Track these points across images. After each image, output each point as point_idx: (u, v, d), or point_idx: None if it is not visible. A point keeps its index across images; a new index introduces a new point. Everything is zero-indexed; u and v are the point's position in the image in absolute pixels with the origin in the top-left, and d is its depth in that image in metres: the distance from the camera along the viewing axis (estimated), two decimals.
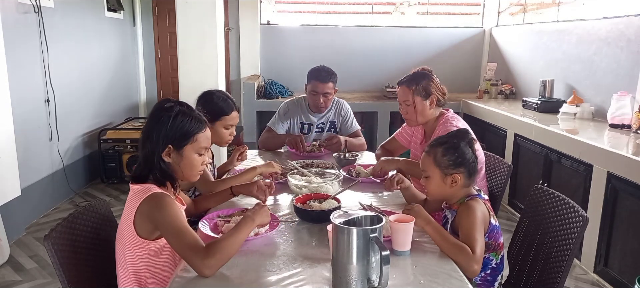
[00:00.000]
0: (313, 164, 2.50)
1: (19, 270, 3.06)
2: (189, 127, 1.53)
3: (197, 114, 1.59)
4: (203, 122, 1.59)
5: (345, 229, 1.26)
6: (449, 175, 1.63)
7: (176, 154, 1.53)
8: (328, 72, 2.89)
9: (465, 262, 1.46)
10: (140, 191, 1.47)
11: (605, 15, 3.92)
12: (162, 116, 1.52)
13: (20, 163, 3.47)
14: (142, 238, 1.47)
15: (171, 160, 1.53)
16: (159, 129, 1.51)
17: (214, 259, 1.34)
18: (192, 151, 1.55)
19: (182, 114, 1.53)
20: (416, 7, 6.32)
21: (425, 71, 2.29)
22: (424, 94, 2.23)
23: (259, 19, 6.15)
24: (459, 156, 1.63)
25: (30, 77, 3.76)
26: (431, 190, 1.69)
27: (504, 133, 4.20)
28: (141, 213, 1.45)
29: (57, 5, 4.11)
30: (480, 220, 1.57)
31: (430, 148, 1.69)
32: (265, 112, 5.26)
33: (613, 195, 2.82)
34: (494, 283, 1.70)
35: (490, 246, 1.65)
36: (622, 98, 3.41)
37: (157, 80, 6.48)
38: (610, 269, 2.88)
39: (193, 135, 1.54)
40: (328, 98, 2.92)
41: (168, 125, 1.51)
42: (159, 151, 1.50)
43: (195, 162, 1.57)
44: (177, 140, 1.52)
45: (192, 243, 1.36)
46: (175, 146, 1.52)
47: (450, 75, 6.03)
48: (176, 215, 1.42)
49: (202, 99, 2.19)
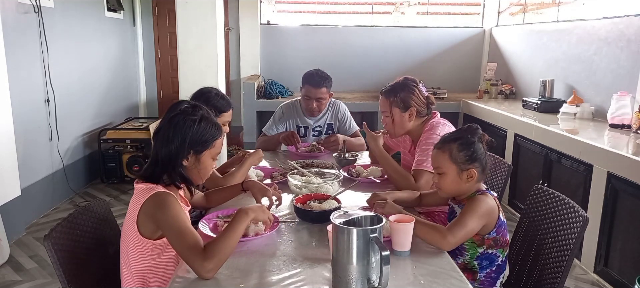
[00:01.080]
0: (313, 164, 2.50)
1: (19, 270, 3.06)
2: (211, 132, 1.54)
3: (215, 120, 1.59)
4: (221, 129, 1.59)
5: (345, 229, 1.26)
6: (465, 170, 1.64)
7: (194, 159, 1.54)
8: (321, 77, 2.86)
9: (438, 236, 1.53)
10: (145, 190, 1.47)
11: (605, 15, 3.92)
12: (186, 120, 1.51)
13: (20, 163, 3.47)
14: (145, 238, 1.48)
15: (188, 164, 1.53)
16: (184, 132, 1.50)
17: (212, 262, 1.33)
18: (209, 156, 1.56)
19: (205, 120, 1.54)
20: (416, 7, 6.32)
21: (408, 82, 2.22)
22: (402, 106, 2.17)
23: (259, 19, 6.15)
24: (475, 151, 1.65)
25: (30, 77, 3.76)
26: (446, 187, 1.69)
27: (504, 133, 4.20)
28: (144, 212, 1.45)
29: (57, 5, 4.11)
30: (482, 212, 1.59)
31: (443, 144, 1.68)
32: (265, 112, 5.26)
33: (613, 195, 2.82)
34: (497, 281, 1.71)
35: (498, 242, 1.66)
36: (622, 98, 3.41)
37: (157, 80, 6.48)
38: (610, 269, 2.88)
39: (214, 140, 1.55)
40: (322, 103, 2.91)
41: (193, 130, 1.50)
42: (182, 155, 1.50)
43: (209, 167, 1.59)
44: (200, 145, 1.52)
45: (193, 244, 1.36)
46: (196, 151, 1.53)
47: (450, 75, 6.05)
48: (178, 215, 1.42)
49: (201, 98, 2.18)
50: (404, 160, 2.42)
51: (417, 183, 2.06)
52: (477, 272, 1.68)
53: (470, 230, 1.57)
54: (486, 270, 1.68)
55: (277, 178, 2.28)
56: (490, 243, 1.65)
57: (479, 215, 1.58)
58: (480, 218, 1.59)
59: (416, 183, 2.07)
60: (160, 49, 6.41)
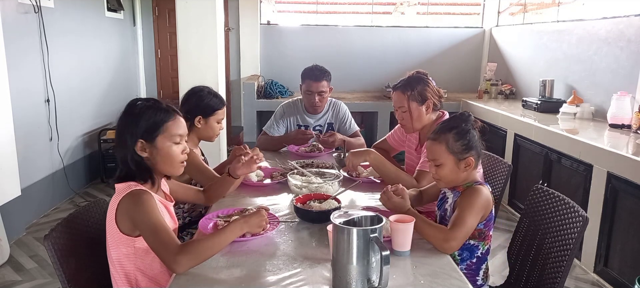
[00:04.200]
0: (313, 164, 2.50)
1: (19, 270, 3.06)
2: (156, 117, 1.54)
3: (166, 105, 1.59)
4: (171, 112, 1.58)
5: (345, 229, 1.26)
6: (463, 160, 1.64)
7: (150, 146, 1.53)
8: (321, 71, 2.88)
9: (441, 238, 1.53)
10: (122, 189, 1.49)
11: (605, 15, 3.92)
12: (129, 112, 1.55)
13: (20, 163, 3.47)
14: (126, 235, 1.48)
15: (148, 154, 1.53)
16: (128, 124, 1.53)
17: (186, 257, 1.35)
18: (165, 141, 1.55)
19: (147, 107, 1.55)
20: (416, 7, 6.32)
21: (421, 75, 2.21)
22: (420, 99, 2.16)
23: (259, 19, 6.15)
24: (470, 139, 1.66)
25: (30, 77, 3.76)
26: (445, 177, 1.68)
27: (504, 133, 4.20)
28: (121, 210, 1.47)
29: (57, 5, 4.11)
30: (480, 206, 1.59)
31: (438, 135, 1.67)
32: (265, 112, 5.26)
33: (613, 195, 2.82)
34: (478, 272, 1.70)
35: (482, 234, 1.66)
36: (622, 98, 3.41)
37: (157, 80, 6.48)
38: (610, 269, 2.88)
39: (162, 124, 1.54)
40: (323, 96, 2.91)
41: (134, 121, 1.52)
42: (131, 146, 1.51)
43: (171, 152, 1.56)
44: (147, 132, 1.52)
45: (165, 240, 1.38)
46: (147, 139, 1.53)
47: (450, 75, 6.05)
48: (152, 212, 1.43)
49: (194, 96, 2.21)
50: (408, 160, 2.41)
51: (419, 184, 2.06)
52: (458, 264, 1.67)
53: (470, 227, 1.57)
54: (466, 261, 1.68)
55: (277, 178, 2.28)
56: (474, 235, 1.65)
57: (477, 211, 1.58)
58: (478, 213, 1.59)
59: (419, 184, 2.07)
60: (160, 49, 6.41)
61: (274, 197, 2.08)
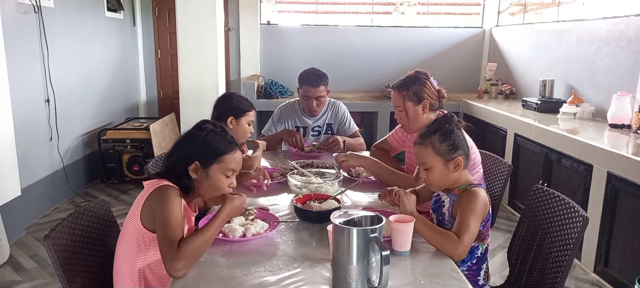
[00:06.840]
0: (313, 164, 2.50)
1: (19, 270, 3.06)
2: (218, 145, 1.57)
3: (230, 137, 1.61)
4: (234, 144, 1.61)
5: (345, 229, 1.26)
6: (451, 160, 1.65)
7: (202, 172, 1.56)
8: (318, 76, 2.85)
9: (451, 246, 1.52)
10: (152, 183, 1.52)
11: (605, 15, 3.92)
12: (194, 133, 1.59)
13: (20, 163, 3.47)
14: (146, 229, 1.50)
15: (197, 177, 1.56)
16: (190, 143, 1.57)
17: (181, 262, 1.35)
18: (218, 171, 1.57)
19: (214, 133, 1.58)
20: (416, 7, 6.31)
21: (419, 75, 2.21)
22: (415, 99, 2.15)
23: (259, 19, 6.15)
24: (455, 139, 1.66)
25: (30, 77, 3.76)
26: (435, 180, 1.68)
27: (504, 133, 4.20)
28: (147, 204, 1.49)
29: (57, 5, 4.11)
30: (481, 209, 1.59)
31: (424, 139, 1.68)
32: (265, 112, 5.25)
33: (613, 195, 2.81)
34: (479, 272, 1.71)
35: (481, 235, 1.66)
36: (622, 98, 3.41)
37: (157, 80, 6.48)
38: (610, 269, 2.88)
39: (221, 154, 1.57)
40: (321, 101, 2.91)
41: (198, 141, 1.56)
42: (184, 162, 1.54)
43: (219, 183, 1.59)
44: (205, 157, 1.55)
45: (171, 239, 1.39)
46: (202, 163, 1.55)
47: (450, 75, 6.04)
48: (172, 209, 1.44)
49: (226, 100, 2.40)
50: (409, 160, 2.41)
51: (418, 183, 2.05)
52: (459, 265, 1.67)
53: (475, 231, 1.57)
54: (467, 262, 1.68)
55: (277, 178, 2.28)
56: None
57: (478, 214, 1.58)
58: (480, 216, 1.59)
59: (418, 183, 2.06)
60: (160, 49, 6.40)
61: (274, 197, 2.08)
